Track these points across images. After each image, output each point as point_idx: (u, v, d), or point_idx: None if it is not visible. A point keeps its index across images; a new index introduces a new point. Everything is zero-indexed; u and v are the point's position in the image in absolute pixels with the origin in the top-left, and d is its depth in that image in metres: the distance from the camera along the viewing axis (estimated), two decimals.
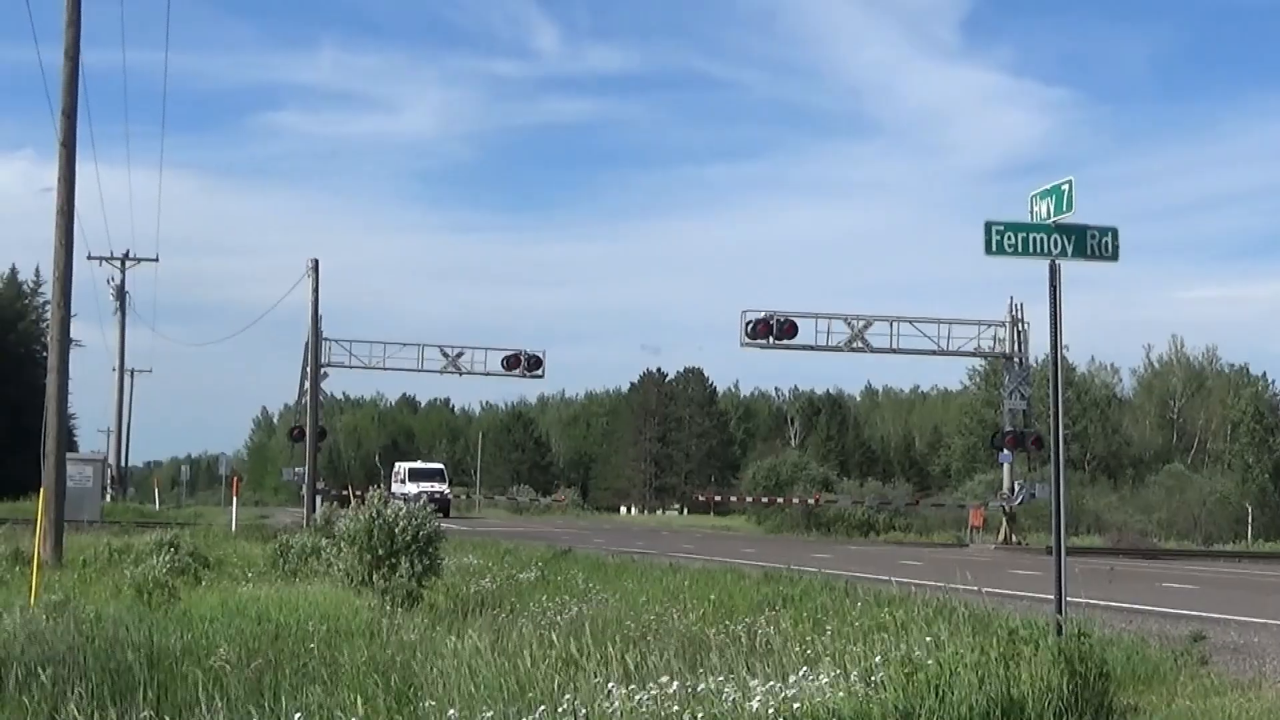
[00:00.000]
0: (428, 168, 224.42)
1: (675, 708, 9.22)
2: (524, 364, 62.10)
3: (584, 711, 9.13)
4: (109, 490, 67.84)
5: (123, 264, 73.34)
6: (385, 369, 64.12)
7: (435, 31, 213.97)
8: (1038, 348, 56.22)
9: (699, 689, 9.75)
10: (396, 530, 18.79)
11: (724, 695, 9.60)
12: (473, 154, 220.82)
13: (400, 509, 19.29)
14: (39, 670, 10.67)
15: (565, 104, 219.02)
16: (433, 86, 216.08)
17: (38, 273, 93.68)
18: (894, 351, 56.11)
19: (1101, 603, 18.30)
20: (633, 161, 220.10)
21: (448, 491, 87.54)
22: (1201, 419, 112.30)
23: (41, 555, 21.47)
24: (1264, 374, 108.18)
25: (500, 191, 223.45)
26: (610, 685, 9.69)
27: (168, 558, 21.97)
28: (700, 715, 9.22)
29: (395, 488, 79.37)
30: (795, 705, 9.46)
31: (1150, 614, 19.53)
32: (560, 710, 9.20)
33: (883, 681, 10.19)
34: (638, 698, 9.34)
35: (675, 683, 9.74)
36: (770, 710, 9.35)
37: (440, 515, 22.38)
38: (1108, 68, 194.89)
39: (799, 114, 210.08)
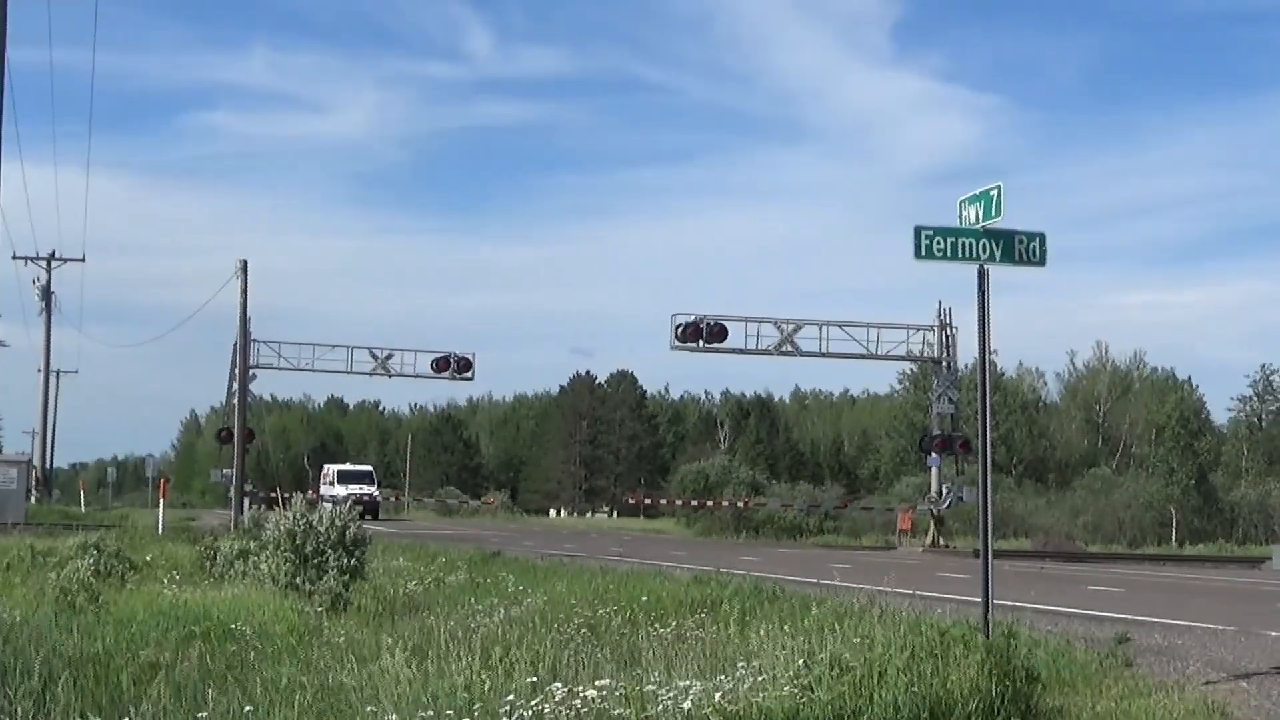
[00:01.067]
0: (360, 170, 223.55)
1: (617, 710, 9.17)
2: (453, 366, 61.95)
3: (523, 714, 9.06)
4: (33, 492, 67.10)
5: (48, 264, 72.65)
6: (314, 371, 63.82)
7: (369, 34, 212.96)
8: (966, 352, 56.64)
9: (632, 691, 9.71)
10: (321, 533, 18.67)
11: (659, 696, 9.56)
12: (405, 156, 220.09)
13: (325, 512, 19.19)
14: None
15: (499, 107, 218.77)
16: (366, 88, 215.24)
17: None
18: (823, 355, 56.33)
19: (1028, 605, 18.41)
20: (566, 165, 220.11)
21: (377, 494, 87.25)
22: (1126, 423, 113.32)
23: None
24: (1189, 378, 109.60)
25: (432, 194, 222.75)
26: (552, 686, 9.62)
27: (92, 560, 21.72)
28: (635, 716, 9.18)
29: (324, 490, 78.98)
30: (729, 707, 9.44)
31: (1076, 616, 19.67)
32: (499, 712, 9.13)
33: (813, 683, 10.19)
34: (577, 699, 9.29)
35: (610, 683, 9.70)
36: (704, 711, 9.32)
37: (369, 518, 22.30)
38: (1037, 75, 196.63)
39: (732, 118, 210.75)
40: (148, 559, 26.16)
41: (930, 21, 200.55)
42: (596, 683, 9.74)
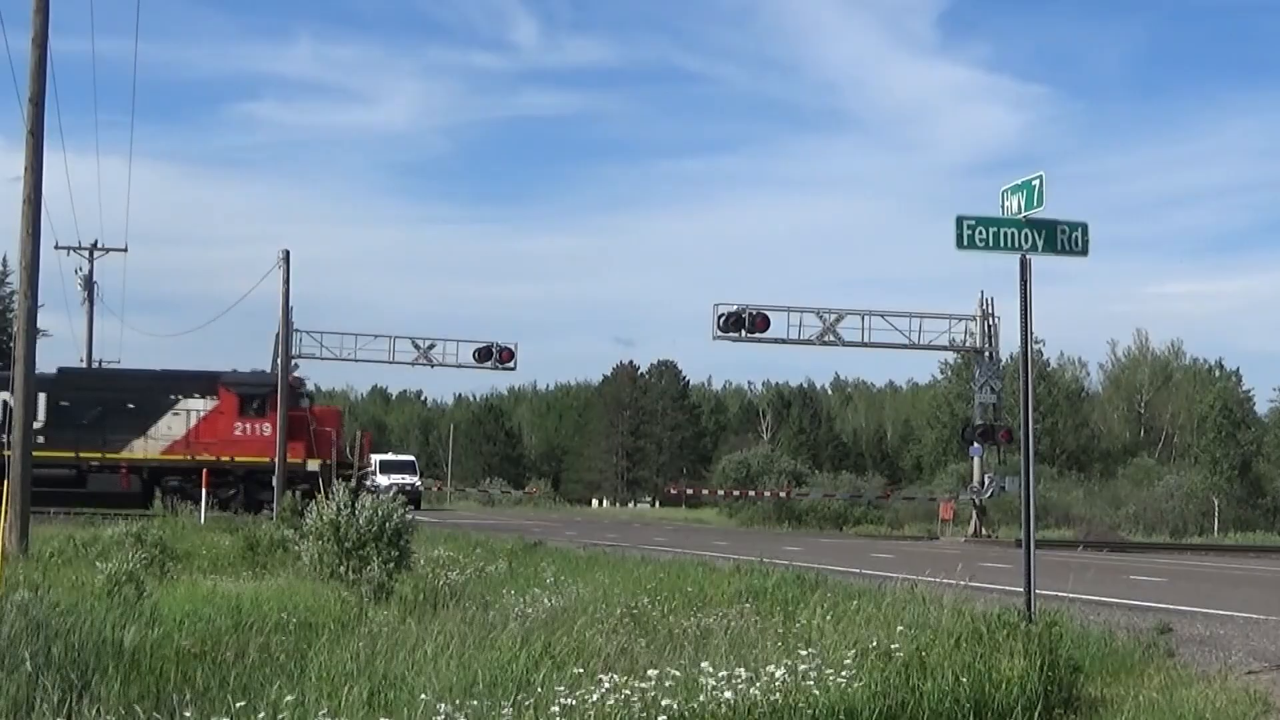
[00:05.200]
0: (403, 160, 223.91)
1: (665, 700, 9.19)
2: (496, 356, 61.99)
3: (569, 702, 9.09)
4: None
5: (91, 254, 72.87)
6: (357, 360, 63.84)
7: (414, 24, 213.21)
8: (1008, 342, 56.47)
9: (681, 681, 9.71)
10: (363, 522, 18.75)
11: (706, 686, 9.56)
12: (449, 146, 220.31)
13: (369, 501, 19.27)
14: (4, 664, 10.61)
15: (543, 97, 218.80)
16: (410, 79, 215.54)
17: (4, 263, 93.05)
18: (866, 345, 56.13)
19: (1070, 595, 18.36)
20: (609, 155, 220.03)
21: (419, 484, 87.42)
22: (1168, 413, 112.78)
23: (7, 547, 21.37)
24: (1237, 369, 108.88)
25: (475, 184, 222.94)
26: (601, 676, 9.65)
27: (135, 550, 21.88)
28: (680, 706, 9.19)
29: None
30: (774, 697, 9.44)
31: (1118, 606, 19.60)
32: (548, 701, 9.17)
33: (860, 672, 10.21)
34: (626, 689, 9.31)
35: (656, 672, 9.72)
36: (750, 702, 9.34)
37: (411, 507, 22.37)
38: (1081, 65, 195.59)
39: (775, 108, 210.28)
40: (190, 549, 26.36)
41: (975, 11, 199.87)
42: (648, 672, 9.75)
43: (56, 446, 54.63)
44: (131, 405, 56.00)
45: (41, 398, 55.95)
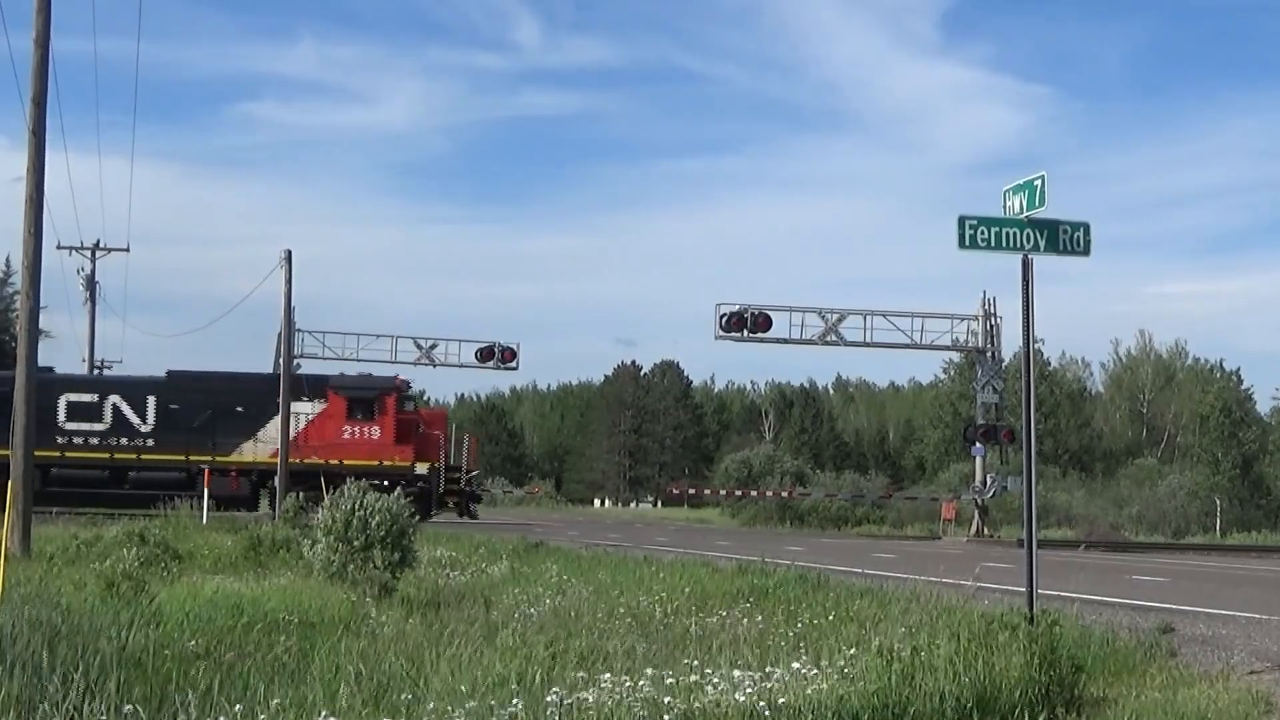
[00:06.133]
0: (404, 160, 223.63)
1: (668, 699, 9.19)
2: (497, 356, 62.11)
3: (568, 702, 9.09)
4: None
5: (93, 254, 72.90)
6: (359, 360, 63.78)
7: (415, 24, 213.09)
8: (1010, 342, 56.50)
9: (681, 681, 9.72)
10: (373, 523, 18.76)
11: (709, 688, 9.56)
12: (450, 146, 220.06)
13: (377, 501, 19.29)
14: (8, 664, 10.61)
15: (543, 97, 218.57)
16: (411, 79, 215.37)
17: (7, 263, 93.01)
18: (867, 345, 56.21)
19: (1072, 595, 18.36)
20: (610, 155, 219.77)
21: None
22: (1171, 413, 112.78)
23: (9, 548, 21.36)
24: (1237, 368, 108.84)
25: (476, 184, 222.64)
26: (603, 676, 9.65)
27: (137, 550, 21.87)
28: (683, 707, 9.19)
29: None
30: (780, 699, 9.43)
31: (1120, 606, 19.60)
32: (549, 701, 9.17)
33: (860, 672, 10.21)
34: (623, 688, 9.31)
35: (658, 673, 9.72)
36: (752, 701, 9.33)
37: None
38: (1083, 65, 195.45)
39: (777, 109, 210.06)
40: (192, 548, 26.36)
41: (976, 11, 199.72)
42: (648, 671, 9.75)
43: (167, 449, 54.96)
44: (240, 408, 56.17)
45: (151, 400, 56.48)
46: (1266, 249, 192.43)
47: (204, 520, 41.61)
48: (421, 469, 55.31)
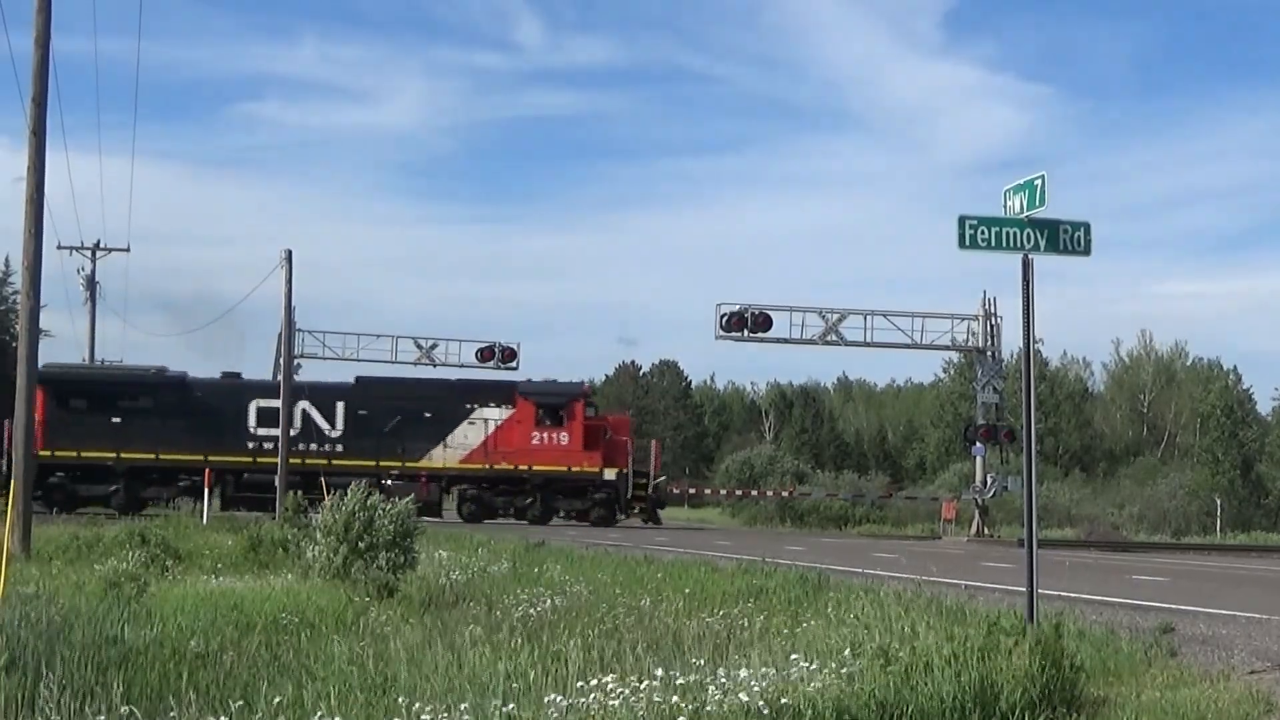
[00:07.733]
0: (407, 160, 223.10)
1: (675, 699, 9.18)
2: (498, 356, 62.05)
3: (568, 704, 9.08)
4: None
5: (93, 254, 72.87)
6: (359, 360, 63.76)
7: (418, 24, 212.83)
8: (1011, 341, 56.48)
9: (683, 681, 9.70)
10: (377, 523, 18.75)
11: (712, 688, 9.54)
12: (453, 146, 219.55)
13: (381, 501, 19.30)
14: (9, 664, 10.61)
15: (547, 97, 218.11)
16: (415, 79, 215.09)
17: (7, 263, 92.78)
18: (868, 345, 56.23)
19: (1073, 595, 18.36)
20: (612, 155, 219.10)
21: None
22: (1171, 413, 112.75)
23: (10, 548, 21.35)
24: (1234, 367, 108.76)
25: (479, 184, 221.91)
26: (606, 679, 9.63)
27: (138, 550, 21.87)
28: (686, 707, 9.17)
29: None
30: (783, 700, 9.42)
31: (1121, 606, 19.60)
32: (548, 702, 9.15)
33: (859, 672, 10.21)
34: (625, 689, 9.29)
35: (660, 672, 9.70)
36: (752, 701, 9.32)
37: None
38: (1086, 64, 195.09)
39: (779, 108, 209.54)
40: (193, 548, 26.34)
41: (979, 11, 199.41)
42: (653, 671, 9.74)
43: (356, 455, 55.20)
44: (429, 414, 56.55)
45: (339, 406, 56.73)
46: (1268, 249, 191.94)
47: (204, 520, 41.66)
48: (610, 475, 55.54)
